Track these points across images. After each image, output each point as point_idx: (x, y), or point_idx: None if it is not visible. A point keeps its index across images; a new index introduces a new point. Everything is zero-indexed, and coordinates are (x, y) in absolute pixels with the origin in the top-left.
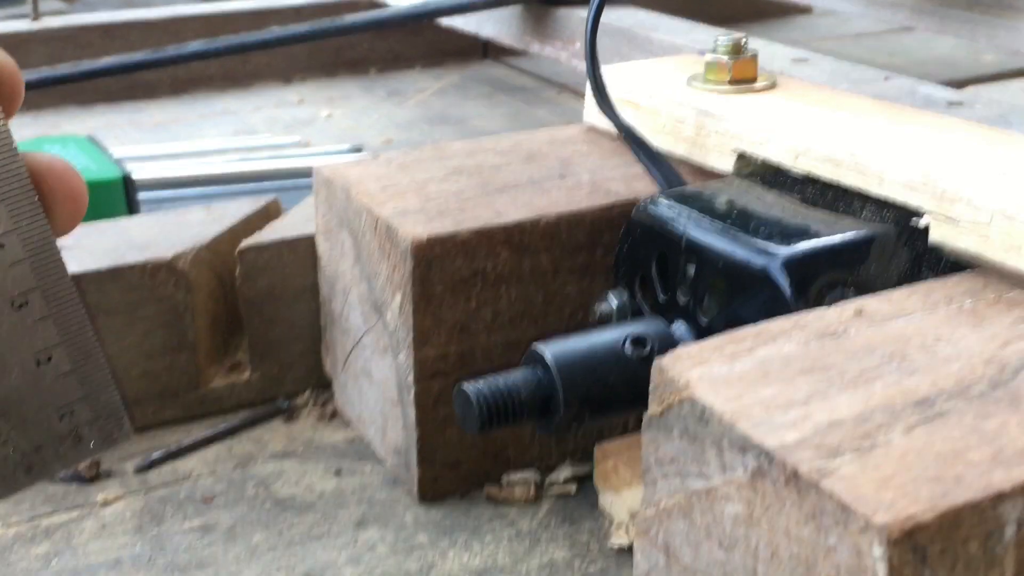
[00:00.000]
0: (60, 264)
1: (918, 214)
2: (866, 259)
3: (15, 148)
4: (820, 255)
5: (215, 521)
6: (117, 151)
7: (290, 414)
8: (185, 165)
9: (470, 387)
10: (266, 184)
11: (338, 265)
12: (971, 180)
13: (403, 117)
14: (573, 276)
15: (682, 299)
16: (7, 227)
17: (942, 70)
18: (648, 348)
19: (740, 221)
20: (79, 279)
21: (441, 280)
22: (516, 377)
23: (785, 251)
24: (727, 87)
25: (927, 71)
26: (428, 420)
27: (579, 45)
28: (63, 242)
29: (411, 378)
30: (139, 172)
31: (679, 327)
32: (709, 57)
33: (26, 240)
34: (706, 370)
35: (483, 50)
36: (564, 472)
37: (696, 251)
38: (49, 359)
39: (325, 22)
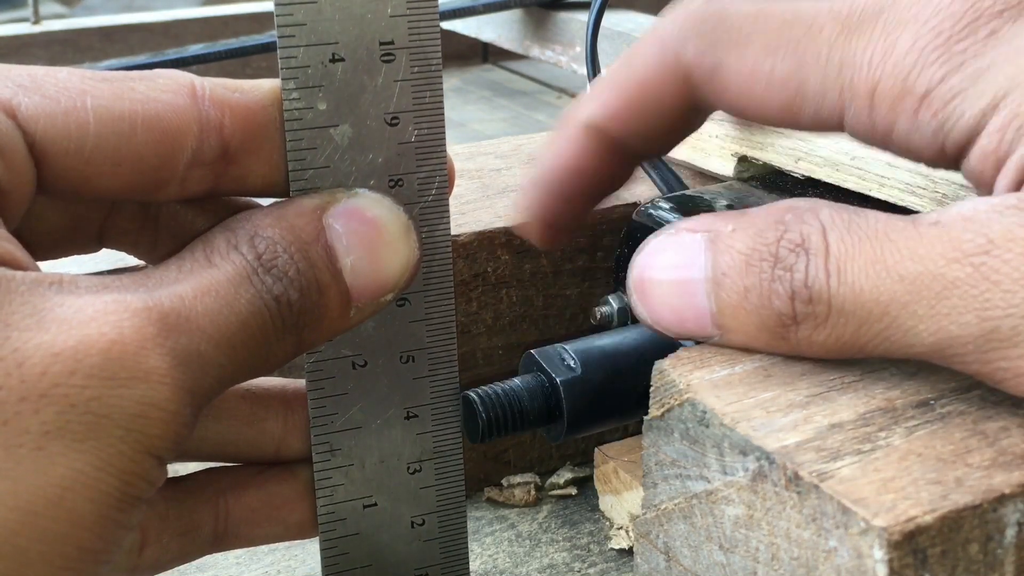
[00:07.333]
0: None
1: None
2: None
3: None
4: None
5: None
6: None
7: None
8: None
9: (473, 396)
10: None
11: None
12: None
13: None
14: (574, 279)
15: None
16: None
17: None
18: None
19: None
20: None
21: None
22: (518, 385)
23: None
24: None
25: None
26: None
27: (579, 49)
28: None
29: None
30: None
31: None
32: None
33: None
34: (707, 372)
35: (483, 54)
36: (564, 475)
37: None
38: (423, 523)
39: None
